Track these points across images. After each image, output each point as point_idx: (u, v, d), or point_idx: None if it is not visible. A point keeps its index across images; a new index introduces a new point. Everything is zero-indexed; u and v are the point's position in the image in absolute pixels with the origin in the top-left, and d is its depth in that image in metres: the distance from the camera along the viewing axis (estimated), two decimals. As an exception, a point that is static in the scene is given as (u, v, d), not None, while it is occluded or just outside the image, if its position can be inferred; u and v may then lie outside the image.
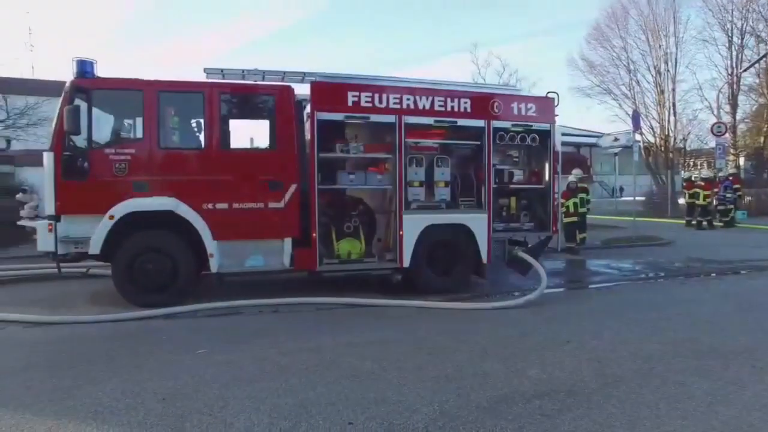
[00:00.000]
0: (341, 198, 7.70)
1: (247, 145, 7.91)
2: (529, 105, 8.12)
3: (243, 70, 7.44)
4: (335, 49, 73.49)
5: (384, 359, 4.54)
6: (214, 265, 6.75)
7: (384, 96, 7.34)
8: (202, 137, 7.12)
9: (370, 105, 7.26)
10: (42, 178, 6.68)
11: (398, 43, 72.40)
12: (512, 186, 8.37)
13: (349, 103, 7.18)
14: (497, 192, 8.02)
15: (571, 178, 12.56)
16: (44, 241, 6.45)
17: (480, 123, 7.77)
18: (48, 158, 6.41)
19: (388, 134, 7.57)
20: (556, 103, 8.30)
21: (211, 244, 6.68)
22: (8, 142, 18.03)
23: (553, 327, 5.73)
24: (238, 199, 6.85)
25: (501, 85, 16.54)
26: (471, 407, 3.50)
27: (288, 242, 7.00)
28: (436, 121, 7.64)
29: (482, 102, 7.84)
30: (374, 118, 7.34)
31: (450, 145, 8.04)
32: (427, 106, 7.53)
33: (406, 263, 7.37)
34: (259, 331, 5.63)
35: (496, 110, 7.86)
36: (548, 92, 8.40)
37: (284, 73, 7.58)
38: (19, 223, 7.74)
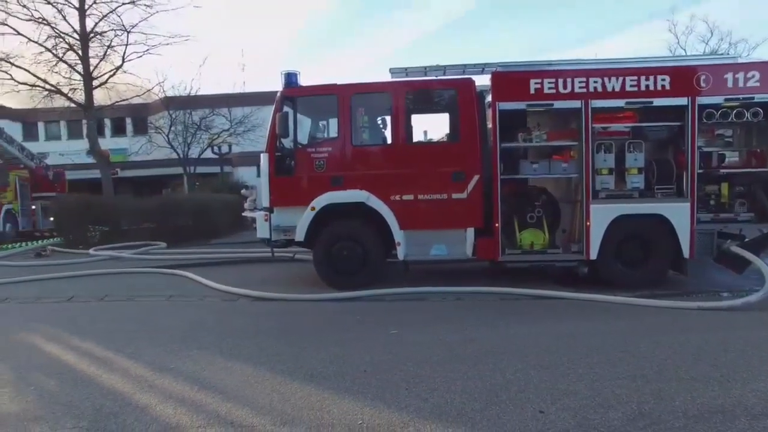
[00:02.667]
0: (524, 187, 7.60)
1: (425, 139, 8.27)
2: (750, 73, 6.90)
3: (425, 67, 7.77)
4: (504, 36, 71.01)
5: (573, 352, 4.40)
6: (401, 253, 7.25)
7: (568, 80, 6.98)
8: (389, 133, 7.67)
9: (553, 91, 6.99)
10: (252, 176, 7.93)
11: (575, 21, 66.92)
12: (723, 170, 7.28)
13: (531, 91, 7.00)
14: (703, 178, 7.04)
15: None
16: (262, 230, 7.65)
17: (681, 101, 6.90)
18: (264, 159, 7.56)
19: (572, 120, 7.22)
20: (788, 66, 6.93)
21: (398, 234, 7.18)
22: (230, 146, 21.58)
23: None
24: (423, 190, 7.22)
25: (708, 55, 14.33)
26: (677, 413, 3.21)
27: (470, 232, 7.15)
28: (627, 103, 7.02)
29: (684, 76, 6.95)
30: (558, 104, 7.05)
31: (644, 128, 7.27)
32: (617, 87, 6.95)
33: (593, 255, 6.96)
34: (444, 317, 5.91)
35: (703, 84, 6.88)
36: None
37: (465, 66, 7.71)
38: (243, 214, 9.27)
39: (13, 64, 17.77)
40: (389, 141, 7.71)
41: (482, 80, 7.45)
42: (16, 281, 9.01)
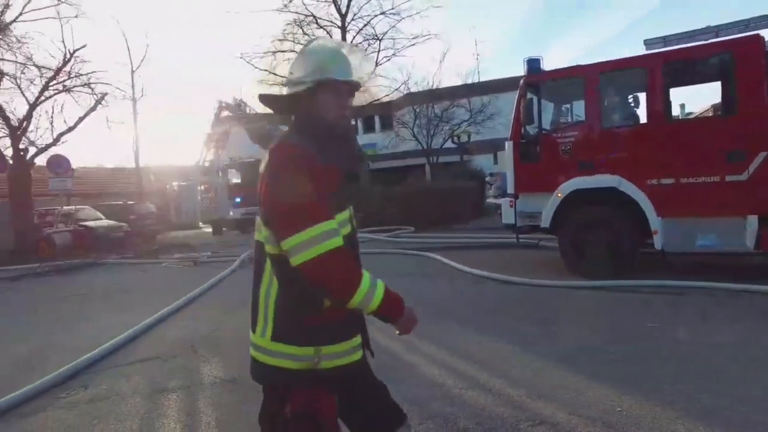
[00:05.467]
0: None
1: (681, 114, 7.26)
2: None
3: (691, 32, 6.83)
4: None
5: None
6: (657, 243, 6.59)
7: None
8: (643, 112, 7.02)
9: None
10: (490, 163, 8.12)
11: None
12: None
13: None
14: None
15: None
16: (507, 216, 7.86)
17: None
18: (508, 146, 7.73)
19: None
20: None
21: (655, 221, 6.54)
22: (469, 136, 22.39)
23: None
24: (687, 173, 6.41)
25: None
26: None
27: (752, 220, 6.06)
28: None
29: None
30: None
31: None
32: None
33: None
34: (708, 315, 5.18)
35: None
36: None
37: (748, 21, 6.50)
38: (488, 200, 9.65)
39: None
40: (644, 120, 7.03)
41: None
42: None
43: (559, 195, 7.14)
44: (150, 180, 27.88)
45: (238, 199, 20.84)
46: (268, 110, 1.94)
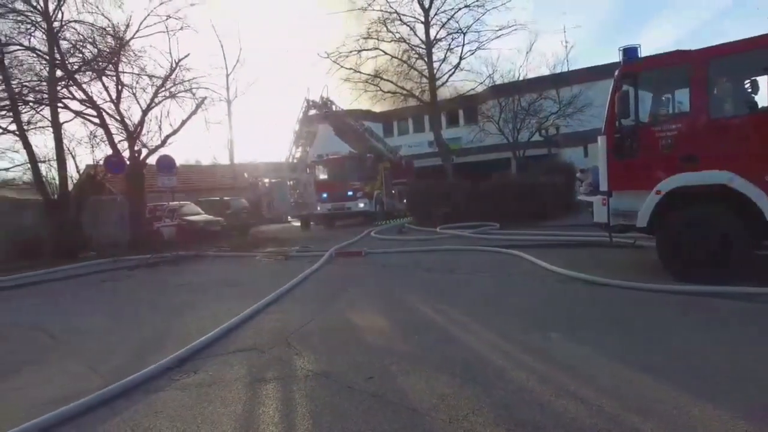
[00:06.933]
0: None
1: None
2: None
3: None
4: None
5: None
6: (776, 246, 5.97)
7: None
8: (763, 100, 6.36)
9: None
10: (579, 156, 7.69)
11: None
12: None
13: None
14: None
15: None
16: (599, 214, 7.47)
17: None
18: (601, 141, 7.33)
19: None
20: None
21: (774, 222, 5.92)
22: (557, 128, 21.50)
23: None
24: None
25: None
26: None
27: None
28: None
29: None
30: None
31: None
32: None
33: None
34: None
35: None
36: None
37: None
38: (578, 197, 9.22)
39: (382, 78, 22.15)
40: (765, 109, 6.37)
41: None
42: (394, 251, 11.44)
43: (659, 192, 6.67)
44: (243, 176, 29.63)
45: (324, 195, 21.59)
46: (353, 107, 2.01)
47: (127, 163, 16.82)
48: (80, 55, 16.46)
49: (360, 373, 4.15)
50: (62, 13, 16.32)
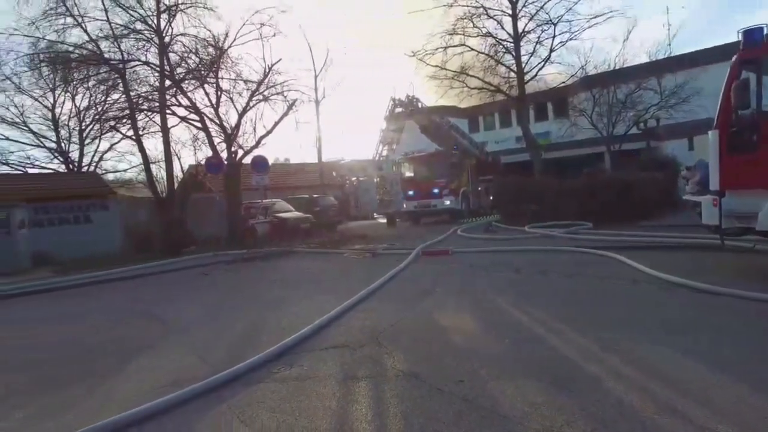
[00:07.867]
0: None
1: None
2: None
3: None
4: None
5: None
6: None
7: None
8: None
9: None
10: (683, 149, 7.05)
11: None
12: None
13: None
14: None
15: None
16: (709, 215, 6.87)
17: None
18: (713, 136, 6.72)
19: None
20: None
21: None
22: (657, 120, 19.96)
23: None
24: None
25: None
26: None
27: None
28: None
29: None
30: None
31: None
32: None
33: None
34: None
35: None
36: None
37: None
38: (684, 197, 8.52)
39: (468, 75, 21.84)
40: None
41: None
42: (481, 251, 11.29)
43: (785, 192, 6.01)
44: (331, 174, 30.61)
45: (411, 192, 21.73)
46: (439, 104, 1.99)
47: (225, 164, 18.03)
48: (185, 65, 17.93)
49: (449, 375, 4.15)
50: (172, 29, 17.90)
